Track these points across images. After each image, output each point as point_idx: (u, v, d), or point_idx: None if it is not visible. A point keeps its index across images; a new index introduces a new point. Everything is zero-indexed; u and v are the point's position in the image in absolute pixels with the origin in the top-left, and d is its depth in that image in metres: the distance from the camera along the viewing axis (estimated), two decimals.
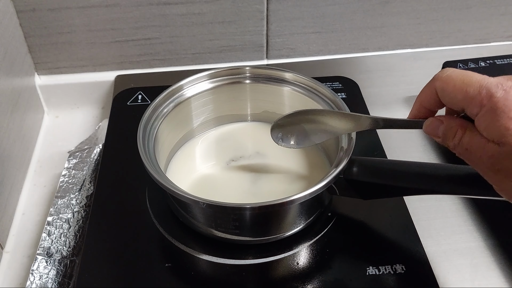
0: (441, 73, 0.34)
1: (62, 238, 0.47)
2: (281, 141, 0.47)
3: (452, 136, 0.34)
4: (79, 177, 0.52)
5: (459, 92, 0.32)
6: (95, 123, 0.64)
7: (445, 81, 0.33)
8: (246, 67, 0.52)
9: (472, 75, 0.32)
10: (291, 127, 0.46)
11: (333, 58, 0.69)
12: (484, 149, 0.31)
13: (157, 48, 0.65)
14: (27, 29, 0.60)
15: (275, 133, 0.47)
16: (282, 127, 0.46)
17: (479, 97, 0.31)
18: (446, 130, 0.34)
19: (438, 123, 0.35)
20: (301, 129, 0.45)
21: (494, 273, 0.44)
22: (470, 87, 0.31)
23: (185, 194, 0.39)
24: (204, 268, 0.43)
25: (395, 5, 0.65)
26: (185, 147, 0.53)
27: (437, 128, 0.35)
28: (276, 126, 0.46)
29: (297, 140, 0.46)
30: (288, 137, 0.46)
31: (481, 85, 0.31)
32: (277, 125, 0.46)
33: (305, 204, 0.41)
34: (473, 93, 0.31)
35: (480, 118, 0.31)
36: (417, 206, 0.48)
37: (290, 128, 0.46)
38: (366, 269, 0.42)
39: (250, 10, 0.63)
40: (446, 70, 0.34)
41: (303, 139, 0.46)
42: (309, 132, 0.45)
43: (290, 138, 0.46)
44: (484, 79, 0.31)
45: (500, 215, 0.48)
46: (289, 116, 0.45)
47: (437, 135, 0.35)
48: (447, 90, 0.33)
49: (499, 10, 0.68)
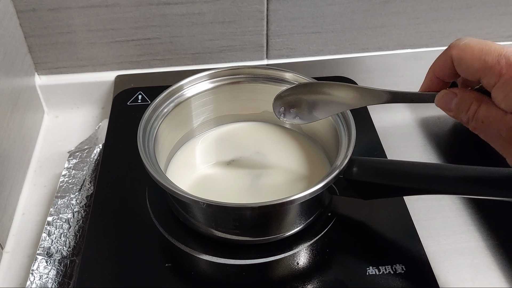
0: (458, 41, 0.33)
1: (62, 238, 0.47)
2: (283, 116, 0.45)
3: (466, 109, 0.32)
4: (79, 177, 0.52)
5: (476, 61, 0.31)
6: (95, 123, 0.64)
7: (462, 49, 0.32)
8: (246, 67, 0.52)
9: (491, 44, 0.31)
10: (294, 100, 0.44)
11: (333, 58, 0.69)
12: (502, 121, 0.30)
13: (157, 48, 0.65)
14: (27, 29, 0.60)
15: (277, 106, 0.45)
16: (285, 100, 0.45)
17: (498, 66, 0.30)
18: (460, 102, 0.33)
19: (451, 95, 0.34)
20: (305, 102, 0.44)
21: (494, 273, 0.44)
22: (489, 56, 0.30)
23: (185, 194, 0.39)
24: (204, 268, 0.43)
25: (395, 5, 0.65)
26: (185, 147, 0.53)
27: (450, 101, 0.34)
28: (278, 98, 0.45)
29: (301, 115, 0.44)
30: (290, 112, 0.45)
31: (500, 54, 0.30)
32: (280, 97, 0.45)
33: (305, 204, 0.41)
34: (491, 62, 0.30)
35: (499, 88, 0.30)
36: (417, 206, 0.48)
37: (293, 101, 0.44)
38: (366, 269, 0.42)
39: (250, 10, 0.63)
40: (463, 39, 0.32)
41: (307, 114, 0.44)
42: (314, 106, 0.43)
43: (293, 112, 0.45)
44: (503, 48, 0.30)
45: (500, 215, 0.48)
46: (293, 88, 0.44)
47: (450, 109, 0.34)
48: (465, 58, 0.32)
49: (499, 10, 0.68)
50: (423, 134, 0.58)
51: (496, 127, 0.31)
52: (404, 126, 0.59)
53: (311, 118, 0.44)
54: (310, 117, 0.44)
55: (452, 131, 0.58)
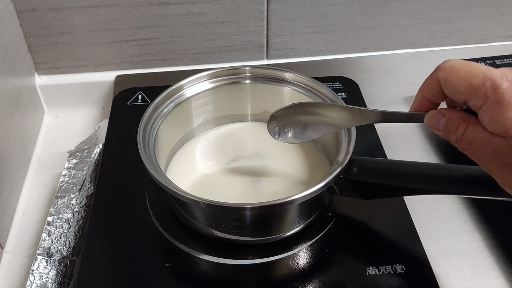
0: (444, 63, 0.33)
1: (62, 238, 0.47)
2: (278, 136, 0.46)
3: (454, 130, 0.33)
4: (79, 177, 0.52)
5: (462, 83, 0.31)
6: (95, 123, 0.64)
7: (448, 71, 0.32)
8: (246, 67, 0.52)
9: (476, 66, 0.31)
10: (288, 120, 0.45)
11: (333, 58, 0.69)
12: (488, 143, 0.30)
13: (157, 48, 0.65)
14: (27, 29, 0.60)
15: (272, 126, 0.45)
16: (279, 120, 0.45)
17: (483, 88, 0.30)
18: (448, 123, 0.33)
19: (439, 116, 0.34)
20: (299, 122, 0.44)
21: (494, 273, 0.44)
22: (474, 78, 0.30)
23: (185, 194, 0.39)
24: (204, 268, 0.43)
25: (395, 5, 0.65)
26: (185, 147, 0.53)
27: (439, 121, 0.34)
28: (273, 119, 0.45)
29: (295, 134, 0.45)
30: (285, 131, 0.45)
31: (485, 76, 0.30)
32: (274, 118, 0.45)
33: (305, 204, 0.41)
34: (477, 84, 0.30)
35: (485, 110, 0.30)
36: (417, 206, 0.48)
37: (287, 121, 0.45)
38: (366, 269, 0.42)
39: (250, 10, 0.63)
40: (450, 61, 0.33)
41: (301, 133, 0.45)
42: (307, 126, 0.44)
43: (287, 132, 0.45)
44: (488, 70, 0.30)
45: (500, 215, 0.48)
46: (286, 109, 0.44)
47: (439, 129, 0.34)
48: (451, 80, 0.32)
49: (500, 10, 0.68)
50: (423, 134, 0.58)
51: (483, 149, 0.31)
52: (404, 126, 0.59)
53: (305, 137, 0.45)
54: (304, 136, 0.45)
55: None
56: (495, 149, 0.30)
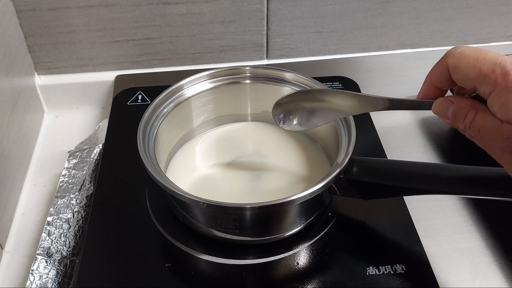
0: (454, 49, 0.33)
1: (62, 238, 0.47)
2: (283, 123, 0.45)
3: (463, 118, 0.32)
4: (79, 177, 0.52)
5: (472, 69, 0.31)
6: (95, 123, 0.64)
7: (458, 58, 0.32)
8: (246, 67, 0.52)
9: (486, 52, 0.31)
10: (293, 107, 0.44)
11: (333, 58, 0.69)
12: (498, 130, 0.30)
13: (157, 48, 0.65)
14: (27, 29, 0.60)
15: (276, 113, 0.45)
16: (284, 107, 0.45)
17: (493, 75, 0.30)
18: (456, 111, 0.33)
19: (448, 103, 0.33)
20: (304, 109, 0.44)
21: (494, 273, 0.44)
22: (484, 65, 0.30)
23: (185, 194, 0.39)
24: (204, 268, 0.43)
25: (396, 5, 0.65)
26: (185, 147, 0.53)
27: (447, 109, 0.33)
28: (277, 105, 0.45)
29: (300, 121, 0.45)
30: (290, 119, 0.45)
31: (495, 63, 0.30)
32: (279, 104, 0.45)
33: (305, 204, 0.41)
34: (486, 71, 0.30)
35: (494, 97, 0.30)
36: (417, 206, 0.48)
37: (292, 108, 0.44)
38: (366, 269, 0.42)
39: (250, 10, 0.63)
40: (459, 47, 0.32)
41: (306, 120, 0.44)
42: (313, 113, 0.44)
43: (292, 119, 0.45)
44: (498, 56, 0.30)
45: (500, 215, 0.48)
46: (292, 95, 0.44)
47: (447, 116, 0.34)
48: (460, 67, 0.32)
49: (500, 10, 0.68)
50: (423, 134, 0.58)
51: (492, 136, 0.31)
52: (404, 126, 0.59)
53: (310, 124, 0.44)
54: (309, 123, 0.44)
55: (452, 131, 0.58)
56: (504, 136, 0.30)
